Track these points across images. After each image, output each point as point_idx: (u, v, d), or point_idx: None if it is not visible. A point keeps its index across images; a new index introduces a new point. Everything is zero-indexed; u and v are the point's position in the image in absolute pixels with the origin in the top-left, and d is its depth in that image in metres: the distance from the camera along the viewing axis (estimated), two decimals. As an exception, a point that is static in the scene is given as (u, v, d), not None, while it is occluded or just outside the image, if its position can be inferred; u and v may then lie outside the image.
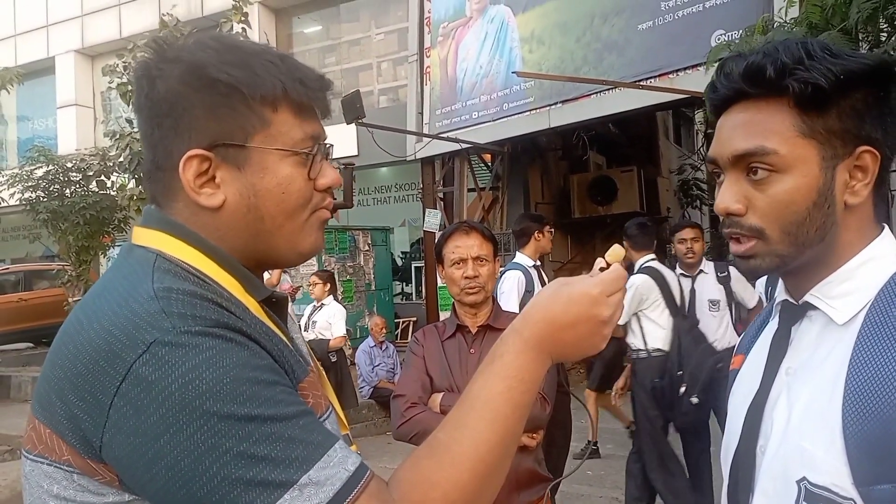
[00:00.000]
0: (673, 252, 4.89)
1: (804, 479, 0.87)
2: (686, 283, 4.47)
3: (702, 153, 17.02)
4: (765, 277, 4.33)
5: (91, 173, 10.40)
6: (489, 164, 10.46)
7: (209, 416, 0.70)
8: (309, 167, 0.89)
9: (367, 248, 11.03)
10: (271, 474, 0.70)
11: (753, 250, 0.93)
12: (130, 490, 0.75)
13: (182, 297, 0.77)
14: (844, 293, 0.92)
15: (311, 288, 7.10)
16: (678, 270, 4.54)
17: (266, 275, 4.53)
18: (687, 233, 4.51)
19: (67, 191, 10.50)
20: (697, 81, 6.88)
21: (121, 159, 9.01)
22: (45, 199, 10.49)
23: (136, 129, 8.87)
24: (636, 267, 4.36)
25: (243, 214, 0.87)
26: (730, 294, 4.48)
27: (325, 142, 0.92)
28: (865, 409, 0.82)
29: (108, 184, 10.46)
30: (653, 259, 4.40)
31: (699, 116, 16.17)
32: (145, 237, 0.88)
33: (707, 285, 4.49)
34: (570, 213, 11.68)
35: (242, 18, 8.66)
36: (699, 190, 16.85)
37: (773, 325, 1.05)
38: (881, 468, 0.80)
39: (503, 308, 3.12)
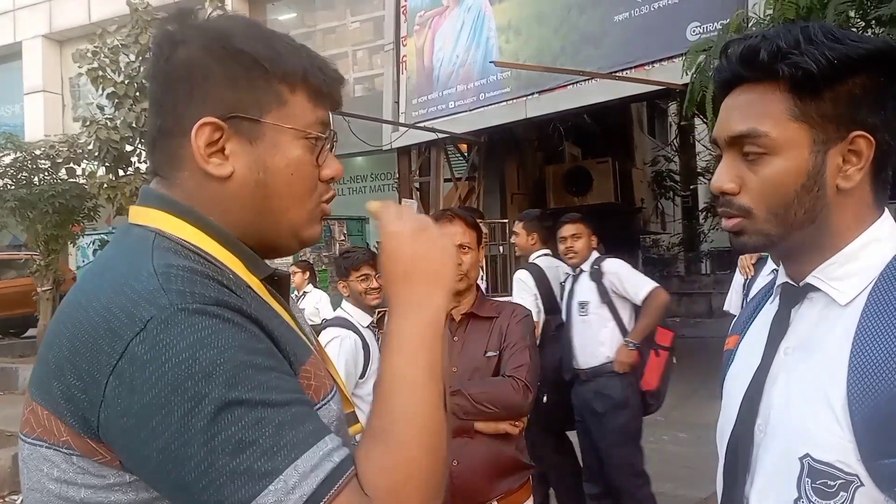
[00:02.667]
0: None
1: (807, 455, 0.88)
2: (569, 283, 4.10)
3: (675, 145, 17.21)
4: (743, 280, 4.27)
5: (60, 161, 10.18)
6: (465, 154, 10.46)
7: (200, 398, 0.69)
8: (317, 154, 0.89)
9: (342, 238, 10.97)
10: (257, 462, 0.69)
11: (740, 226, 0.96)
12: (130, 470, 0.74)
13: (182, 274, 0.76)
14: (847, 274, 0.94)
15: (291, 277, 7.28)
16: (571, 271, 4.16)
17: None
18: (567, 230, 4.00)
19: (36, 178, 10.28)
20: (672, 73, 6.94)
21: (90, 146, 8.84)
22: (13, 187, 10.26)
23: (106, 116, 8.78)
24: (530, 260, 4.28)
25: (251, 189, 0.86)
26: (604, 293, 3.92)
27: (333, 134, 0.93)
28: (871, 385, 0.83)
29: (78, 172, 10.25)
30: (545, 254, 4.29)
31: (673, 108, 16.35)
32: (143, 216, 0.86)
33: (581, 286, 4.02)
34: (545, 203, 11.73)
35: (219, 4, 8.52)
36: (672, 181, 17.05)
37: (770, 307, 1.07)
38: (889, 443, 0.81)
39: None
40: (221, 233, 0.85)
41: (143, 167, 9.13)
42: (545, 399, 3.73)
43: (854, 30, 4.13)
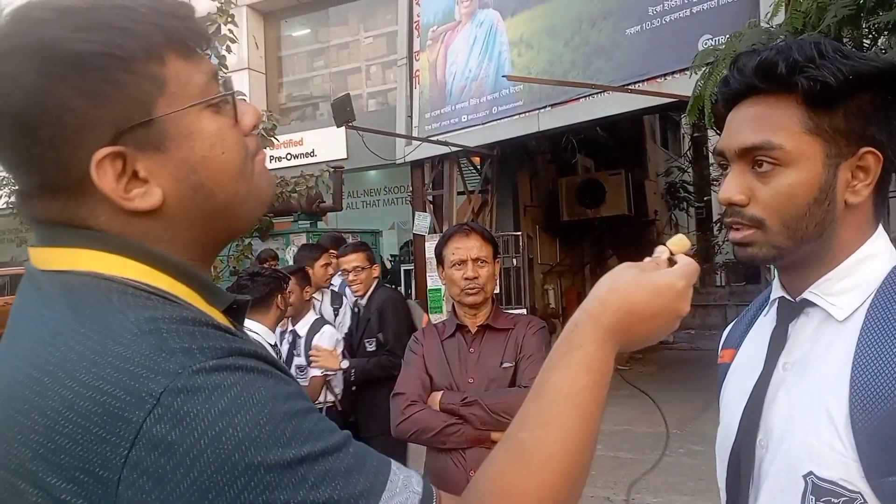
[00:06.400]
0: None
1: (811, 473, 0.88)
2: None
3: (688, 156, 17.19)
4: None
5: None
6: (478, 167, 10.50)
7: (254, 468, 0.59)
8: (233, 111, 0.75)
9: (356, 250, 11.00)
10: None
11: (751, 238, 0.96)
12: None
13: (173, 327, 0.63)
14: (843, 290, 0.94)
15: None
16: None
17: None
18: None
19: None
20: (685, 85, 6.95)
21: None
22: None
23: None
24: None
25: (190, 199, 0.71)
26: None
27: (228, 82, 0.77)
28: (874, 403, 0.83)
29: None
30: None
31: (686, 120, 16.34)
32: (62, 259, 0.69)
33: None
34: (558, 216, 11.74)
35: (229, 19, 8.60)
36: (686, 192, 17.00)
37: (765, 320, 1.07)
38: (893, 460, 0.82)
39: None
40: (172, 263, 0.71)
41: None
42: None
43: (866, 40, 4.14)
